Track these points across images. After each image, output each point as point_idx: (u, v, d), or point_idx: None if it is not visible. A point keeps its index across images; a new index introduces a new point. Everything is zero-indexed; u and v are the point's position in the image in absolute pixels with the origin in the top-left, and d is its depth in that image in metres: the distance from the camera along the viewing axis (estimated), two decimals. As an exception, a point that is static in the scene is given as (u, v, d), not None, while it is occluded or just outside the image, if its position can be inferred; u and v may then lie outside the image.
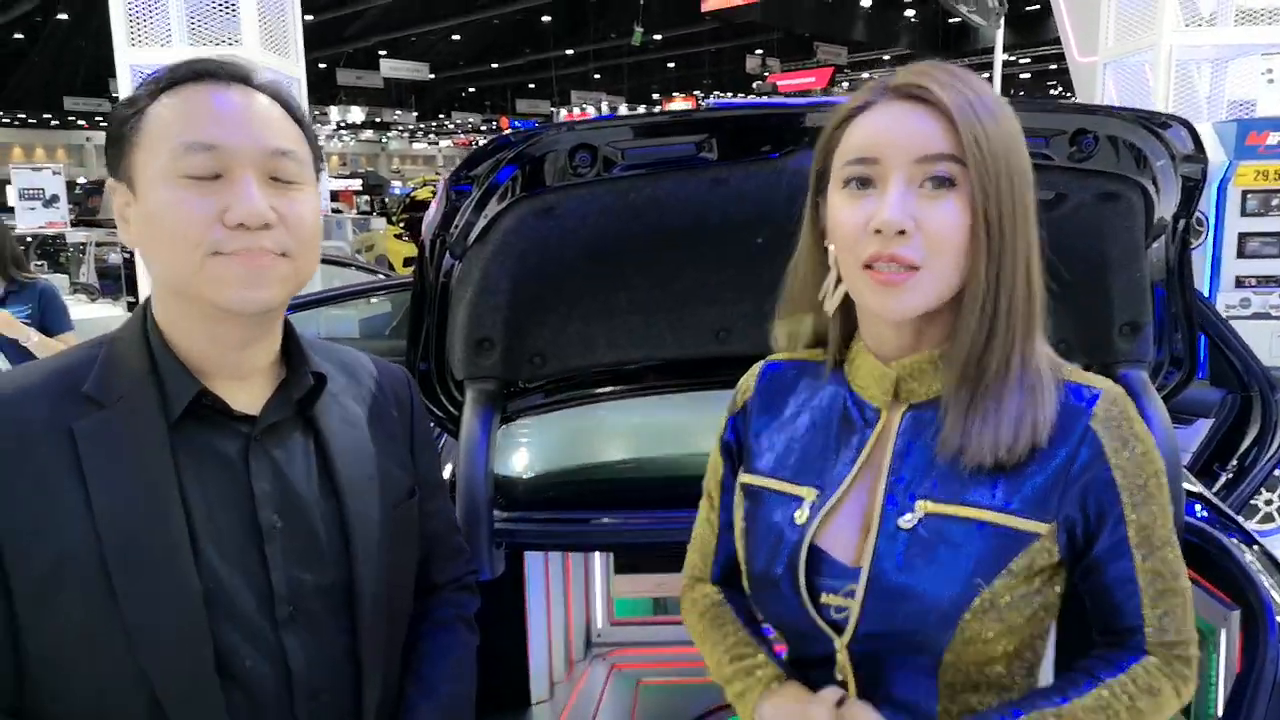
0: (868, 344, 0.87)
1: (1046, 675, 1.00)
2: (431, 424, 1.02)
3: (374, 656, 0.89)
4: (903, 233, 0.75)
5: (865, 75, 29.22)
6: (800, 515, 0.85)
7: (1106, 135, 1.25)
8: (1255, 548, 1.43)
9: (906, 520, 0.80)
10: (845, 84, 29.61)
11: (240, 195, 0.78)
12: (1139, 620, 0.81)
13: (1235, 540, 1.42)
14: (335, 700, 0.86)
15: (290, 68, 4.70)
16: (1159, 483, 0.81)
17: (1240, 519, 1.53)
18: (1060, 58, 5.59)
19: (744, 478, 0.93)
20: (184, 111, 0.79)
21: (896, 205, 0.75)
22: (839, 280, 0.83)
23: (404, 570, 0.96)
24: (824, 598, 0.83)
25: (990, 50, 14.59)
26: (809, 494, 0.86)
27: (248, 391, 0.86)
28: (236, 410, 0.84)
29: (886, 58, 26.98)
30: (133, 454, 0.79)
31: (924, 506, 0.80)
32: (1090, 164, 1.27)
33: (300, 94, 4.80)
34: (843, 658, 0.82)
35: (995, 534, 0.78)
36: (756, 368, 0.99)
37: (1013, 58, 23.27)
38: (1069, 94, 7.25)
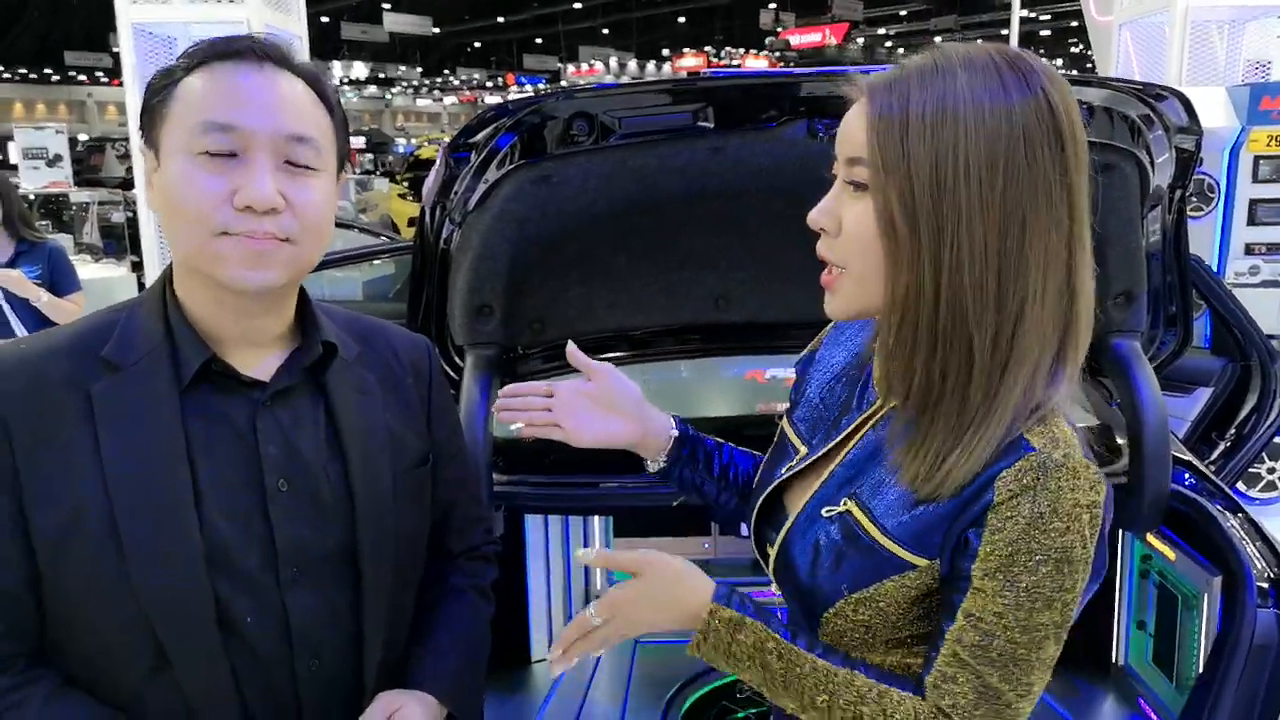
0: None
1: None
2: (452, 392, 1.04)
3: (376, 618, 0.91)
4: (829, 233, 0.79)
5: (880, 31, 28.61)
6: (787, 467, 0.91)
7: (1102, 106, 1.25)
8: (1239, 515, 1.46)
9: (828, 510, 0.83)
10: (860, 40, 28.98)
11: (251, 178, 0.79)
12: (929, 668, 0.76)
13: (1219, 508, 1.45)
14: (336, 659, 0.90)
15: (292, 24, 4.65)
16: (1031, 568, 0.71)
17: (1226, 487, 1.55)
18: (1079, 14, 5.46)
19: (784, 417, 0.98)
20: (210, 90, 0.81)
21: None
22: None
23: (412, 537, 0.97)
24: (766, 547, 0.91)
25: (1009, 7, 14.28)
26: (802, 450, 0.90)
27: (261, 359, 0.89)
28: (246, 376, 0.87)
29: (903, 13, 26.35)
30: (144, 416, 0.82)
31: (846, 505, 0.81)
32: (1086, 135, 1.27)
33: (302, 51, 4.74)
34: (775, 588, 0.91)
35: (879, 555, 0.78)
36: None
37: (1031, 14, 22.70)
38: (1089, 51, 7.12)
